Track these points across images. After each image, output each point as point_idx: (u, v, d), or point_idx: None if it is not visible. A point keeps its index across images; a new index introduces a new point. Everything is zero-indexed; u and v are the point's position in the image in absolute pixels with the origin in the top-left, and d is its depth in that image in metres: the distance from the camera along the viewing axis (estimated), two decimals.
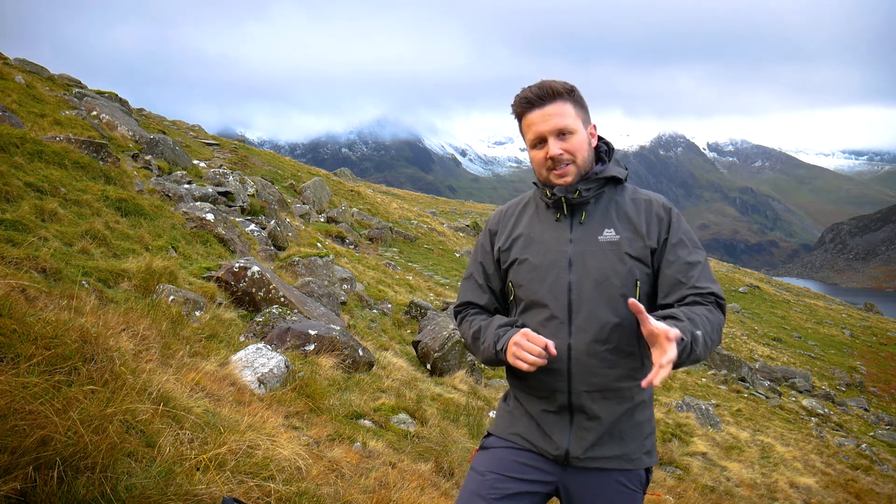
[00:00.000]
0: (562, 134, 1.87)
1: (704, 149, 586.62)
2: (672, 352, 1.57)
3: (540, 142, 1.89)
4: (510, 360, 1.80)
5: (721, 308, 1.84)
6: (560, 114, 1.86)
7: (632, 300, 1.64)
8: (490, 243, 2.05)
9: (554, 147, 1.86)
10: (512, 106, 1.94)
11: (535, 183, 2.02)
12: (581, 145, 1.89)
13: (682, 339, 1.63)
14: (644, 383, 1.60)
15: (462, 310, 2.10)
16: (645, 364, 1.90)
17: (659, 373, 1.57)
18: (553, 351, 1.76)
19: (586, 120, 1.94)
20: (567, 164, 1.88)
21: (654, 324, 1.60)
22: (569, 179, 1.89)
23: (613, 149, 2.00)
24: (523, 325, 1.91)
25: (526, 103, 1.89)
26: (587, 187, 1.89)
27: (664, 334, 1.58)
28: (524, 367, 1.76)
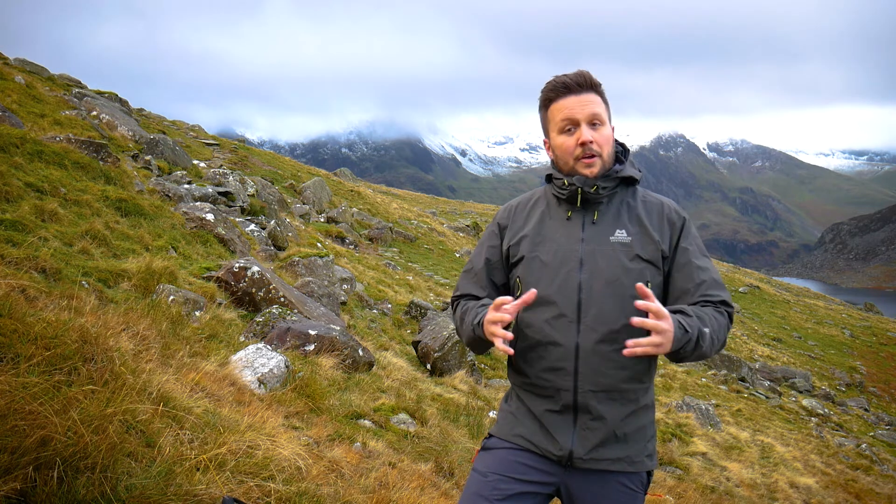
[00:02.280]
0: (594, 123, 1.87)
1: (704, 149, 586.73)
2: (667, 324, 1.64)
3: (570, 127, 1.88)
4: (487, 335, 1.80)
5: (728, 315, 1.86)
6: (595, 102, 1.88)
7: (639, 284, 1.67)
8: (499, 237, 2.03)
9: (587, 133, 1.85)
10: (543, 90, 1.92)
11: (548, 177, 2.00)
12: (608, 139, 1.91)
13: (682, 325, 1.69)
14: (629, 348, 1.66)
15: (458, 298, 2.07)
16: (651, 367, 1.91)
17: (646, 345, 1.64)
18: (532, 295, 1.75)
19: (610, 118, 1.95)
20: (594, 156, 1.88)
21: (658, 305, 1.66)
22: (595, 171, 1.88)
23: (629, 150, 2.01)
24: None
25: (563, 88, 1.88)
26: (605, 185, 1.89)
27: (662, 312, 1.65)
28: (497, 343, 1.75)
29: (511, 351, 1.76)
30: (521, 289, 1.93)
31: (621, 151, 1.98)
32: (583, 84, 1.87)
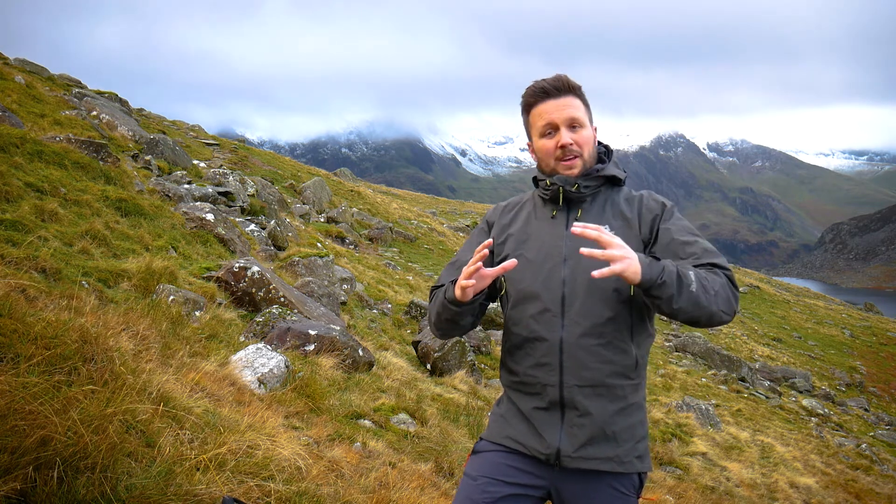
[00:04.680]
0: (573, 126, 1.91)
1: (704, 149, 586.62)
2: (621, 251, 1.63)
3: (550, 131, 1.93)
4: (457, 292, 1.80)
5: (726, 276, 1.79)
6: (573, 106, 1.92)
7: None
8: (487, 234, 2.07)
9: (566, 136, 1.90)
10: (524, 96, 1.97)
11: (534, 179, 2.04)
12: (588, 140, 1.95)
13: (652, 256, 1.70)
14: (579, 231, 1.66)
15: (437, 288, 2.05)
16: (638, 363, 1.89)
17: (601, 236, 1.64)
18: (512, 263, 1.74)
19: (591, 119, 1.99)
20: (575, 157, 1.92)
21: (599, 231, 1.67)
22: (575, 171, 1.92)
23: (612, 151, 2.05)
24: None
25: (542, 93, 1.92)
26: (587, 184, 1.93)
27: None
28: (465, 284, 1.75)
29: (470, 284, 1.75)
30: (506, 287, 1.96)
31: (604, 152, 2.02)
32: (561, 88, 1.91)
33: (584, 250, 1.65)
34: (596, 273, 1.62)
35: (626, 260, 1.62)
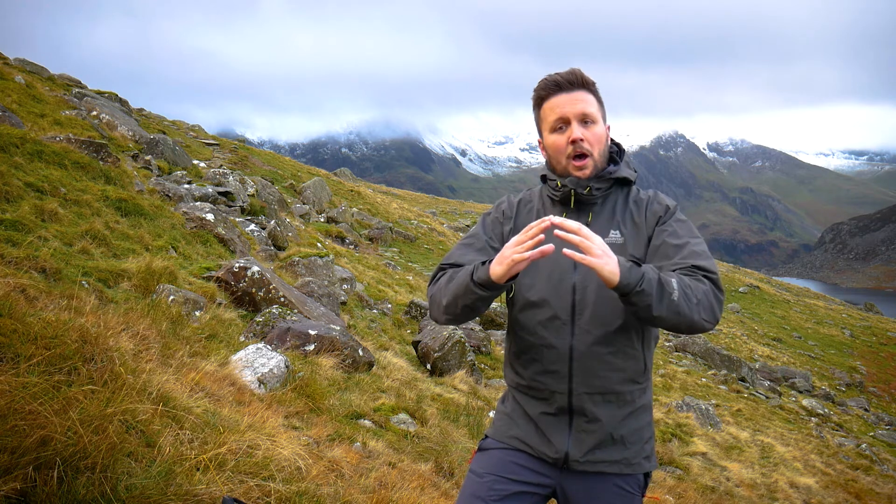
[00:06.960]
0: (585, 120, 1.85)
1: (704, 149, 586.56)
2: (598, 243, 1.58)
3: (561, 125, 1.86)
4: (495, 271, 1.66)
5: (711, 281, 1.71)
6: (586, 101, 1.86)
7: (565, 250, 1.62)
8: (502, 225, 1.98)
9: (577, 130, 1.83)
10: (536, 89, 1.90)
11: (543, 177, 1.98)
12: (600, 138, 1.88)
13: (633, 261, 1.64)
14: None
15: (448, 267, 1.91)
16: (647, 367, 1.88)
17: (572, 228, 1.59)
18: (550, 248, 1.61)
19: (604, 117, 1.93)
20: (586, 157, 1.85)
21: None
22: (587, 172, 1.86)
23: (624, 151, 1.98)
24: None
25: (554, 86, 1.86)
26: (598, 186, 1.88)
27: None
28: (518, 258, 1.62)
29: (523, 259, 1.62)
30: (514, 289, 1.90)
31: (616, 152, 1.96)
32: (574, 82, 1.85)
33: (566, 251, 1.59)
34: (566, 251, 1.58)
35: (604, 258, 1.57)
